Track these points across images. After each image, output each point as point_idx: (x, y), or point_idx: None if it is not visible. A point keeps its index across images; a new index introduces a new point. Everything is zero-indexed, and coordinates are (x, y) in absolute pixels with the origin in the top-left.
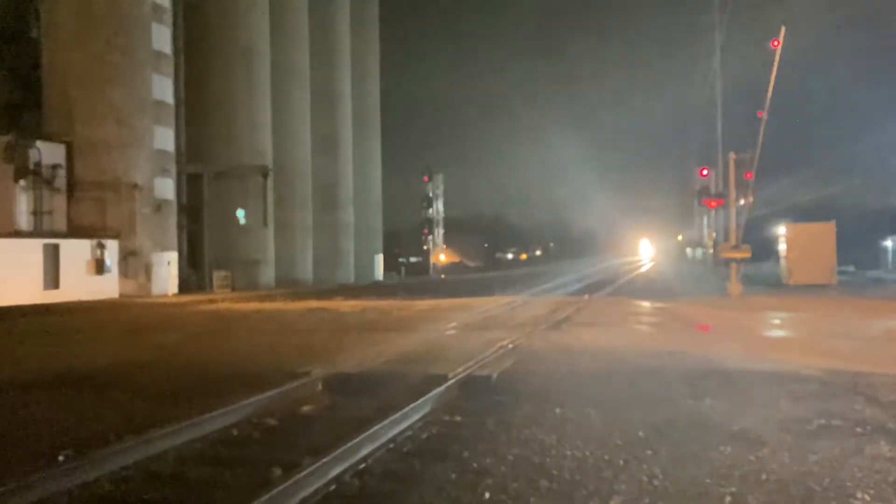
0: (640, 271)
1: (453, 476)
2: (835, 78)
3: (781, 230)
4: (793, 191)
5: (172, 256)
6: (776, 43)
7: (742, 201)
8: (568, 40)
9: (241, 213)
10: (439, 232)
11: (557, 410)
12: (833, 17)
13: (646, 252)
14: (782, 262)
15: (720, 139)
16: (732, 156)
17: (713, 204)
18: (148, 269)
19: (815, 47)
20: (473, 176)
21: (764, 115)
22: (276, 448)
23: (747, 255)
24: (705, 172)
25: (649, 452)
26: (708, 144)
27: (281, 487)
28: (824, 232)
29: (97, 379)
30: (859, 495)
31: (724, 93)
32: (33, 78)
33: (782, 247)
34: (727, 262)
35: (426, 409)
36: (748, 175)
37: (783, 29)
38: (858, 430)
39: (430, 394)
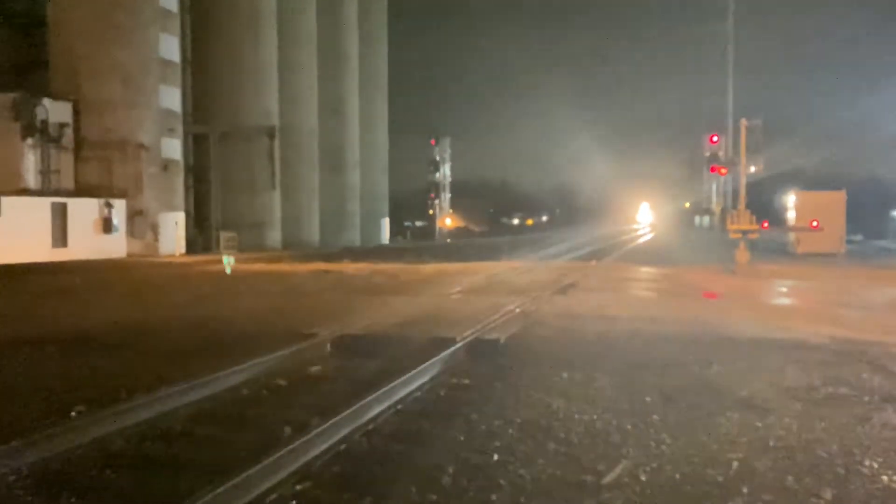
0: (642, 240)
1: (462, 438)
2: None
3: (791, 198)
4: (797, 153)
5: (179, 216)
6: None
7: (753, 169)
8: (575, 7)
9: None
10: (446, 196)
11: (565, 374)
12: None
13: (645, 219)
14: None
15: (731, 105)
16: (744, 122)
17: (723, 171)
18: (155, 229)
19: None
20: (480, 141)
21: None
22: (286, 408)
23: (755, 236)
24: (715, 139)
25: (657, 417)
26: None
27: (291, 446)
28: (834, 201)
29: (107, 337)
30: (867, 463)
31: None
32: (39, 36)
33: (791, 214)
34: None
35: (434, 372)
36: None
37: None
38: (866, 398)
39: (438, 356)
